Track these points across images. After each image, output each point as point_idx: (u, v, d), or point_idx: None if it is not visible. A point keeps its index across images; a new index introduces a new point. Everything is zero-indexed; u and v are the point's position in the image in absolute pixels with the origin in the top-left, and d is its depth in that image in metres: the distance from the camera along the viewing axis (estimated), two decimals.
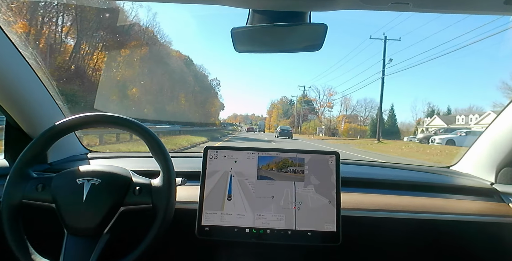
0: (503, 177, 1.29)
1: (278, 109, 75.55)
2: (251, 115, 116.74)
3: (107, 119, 0.95)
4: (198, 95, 50.68)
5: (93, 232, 0.87)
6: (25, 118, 1.19)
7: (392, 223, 1.13)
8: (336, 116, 59.36)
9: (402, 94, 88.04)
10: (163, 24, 60.87)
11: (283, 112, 68.93)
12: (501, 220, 1.16)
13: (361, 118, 58.25)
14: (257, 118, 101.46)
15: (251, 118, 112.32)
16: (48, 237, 0.94)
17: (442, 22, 33.71)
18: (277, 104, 77.78)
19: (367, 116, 57.50)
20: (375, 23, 63.85)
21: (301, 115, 57.46)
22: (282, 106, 73.60)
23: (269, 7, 0.80)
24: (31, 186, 0.89)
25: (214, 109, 63.46)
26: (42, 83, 1.19)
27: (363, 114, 58.56)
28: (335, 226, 0.98)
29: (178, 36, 79.97)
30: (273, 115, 76.47)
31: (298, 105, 61.35)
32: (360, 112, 59.37)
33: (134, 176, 0.95)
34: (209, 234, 0.99)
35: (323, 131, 52.37)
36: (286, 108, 69.99)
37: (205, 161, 1.03)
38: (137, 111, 25.14)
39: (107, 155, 1.49)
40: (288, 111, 66.55)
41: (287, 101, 73.28)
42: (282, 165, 1.04)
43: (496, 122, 1.28)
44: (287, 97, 76.31)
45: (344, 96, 58.17)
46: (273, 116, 76.38)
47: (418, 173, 1.45)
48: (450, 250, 1.20)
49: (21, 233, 0.86)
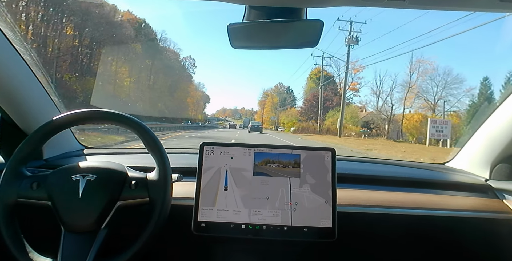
0: (497, 174, 1.30)
1: (273, 98, 61.50)
2: (240, 109, 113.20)
3: (103, 115, 0.95)
4: (161, 76, 40.61)
5: (90, 228, 0.87)
6: (20, 114, 1.19)
7: (388, 219, 1.14)
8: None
9: None
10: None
11: (280, 101, 56.22)
12: (495, 216, 1.17)
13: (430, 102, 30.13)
14: (247, 112, 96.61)
15: (240, 112, 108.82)
16: (45, 235, 0.94)
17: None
18: (271, 92, 63.81)
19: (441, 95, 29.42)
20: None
21: (321, 100, 35.35)
22: (277, 95, 59.70)
23: (265, 3, 0.80)
24: (26, 184, 0.88)
25: (192, 100, 53.66)
26: (37, 78, 1.18)
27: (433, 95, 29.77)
28: (331, 222, 0.99)
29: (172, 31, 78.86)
30: (267, 105, 63.58)
31: (311, 84, 42.85)
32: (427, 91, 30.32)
33: (130, 170, 0.95)
34: (205, 230, 0.99)
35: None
36: (283, 96, 57.05)
37: (201, 157, 1.03)
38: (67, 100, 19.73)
39: (102, 151, 1.49)
40: (286, 100, 54.46)
41: (283, 89, 60.22)
42: (278, 161, 1.04)
43: (490, 118, 1.28)
44: (283, 84, 62.51)
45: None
46: (266, 107, 63.69)
47: (413, 170, 1.46)
48: (445, 245, 1.21)
49: (18, 232, 0.86)
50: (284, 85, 62.08)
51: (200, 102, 64.38)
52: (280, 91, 60.43)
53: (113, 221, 0.89)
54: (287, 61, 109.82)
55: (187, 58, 51.46)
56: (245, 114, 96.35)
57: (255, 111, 78.99)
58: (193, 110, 58.41)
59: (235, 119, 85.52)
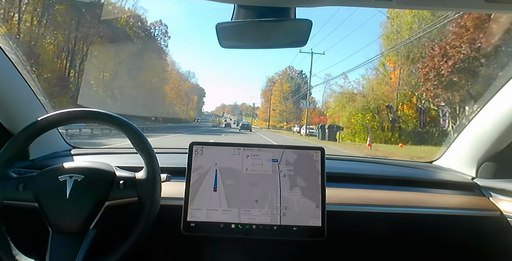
0: (483, 172, 1.33)
1: (282, 84, 47.09)
2: (240, 104, 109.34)
3: (90, 115, 0.94)
4: (115, 50, 27.85)
5: (79, 229, 0.86)
6: (5, 113, 1.17)
7: (376, 218, 1.15)
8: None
9: None
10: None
11: (293, 87, 43.19)
12: (481, 213, 1.19)
13: None
14: (247, 107, 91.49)
15: (240, 108, 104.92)
16: (33, 237, 0.93)
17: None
18: (279, 77, 48.36)
19: None
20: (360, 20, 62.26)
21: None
22: (289, 81, 46.61)
23: (254, 3, 0.80)
24: (11, 186, 0.87)
25: (173, 90, 41.89)
26: (23, 77, 1.17)
27: None
28: (320, 221, 0.99)
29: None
30: (275, 92, 47.20)
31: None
32: None
33: (118, 170, 0.94)
34: (195, 230, 0.99)
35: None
36: (296, 82, 43.83)
37: (190, 157, 1.03)
38: None
39: (90, 151, 1.47)
40: (300, 86, 41.73)
41: (294, 74, 46.72)
42: (267, 161, 1.04)
43: (477, 117, 1.30)
44: (293, 68, 47.45)
45: None
46: (275, 95, 46.95)
47: (401, 168, 1.48)
48: (432, 243, 1.23)
49: (4, 234, 0.84)
50: (294, 69, 48.79)
51: (191, 94, 54.09)
52: (290, 76, 47.83)
53: (101, 221, 0.88)
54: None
55: (156, 24, 36.30)
56: (246, 109, 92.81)
57: (257, 107, 67.59)
58: (181, 105, 48.17)
59: (235, 115, 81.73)
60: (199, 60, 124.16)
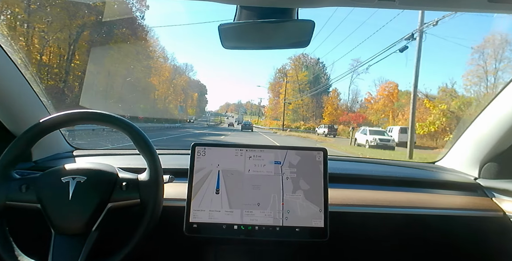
0: (486, 172, 1.32)
1: (297, 73, 38.71)
2: (245, 103, 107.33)
3: (93, 116, 0.94)
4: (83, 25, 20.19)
5: (81, 230, 0.86)
6: (8, 115, 1.17)
7: (379, 218, 1.15)
8: None
9: None
10: None
11: (311, 75, 36.34)
12: (484, 214, 1.18)
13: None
14: (253, 106, 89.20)
15: (245, 106, 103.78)
16: (35, 238, 0.93)
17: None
18: (294, 63, 39.83)
19: None
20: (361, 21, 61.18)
21: None
22: (306, 68, 38.27)
23: (256, 4, 0.80)
24: (14, 187, 0.87)
25: (164, 83, 35.85)
26: (26, 79, 1.17)
27: None
28: (323, 222, 0.99)
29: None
30: (288, 85, 38.16)
31: None
32: None
33: (120, 172, 0.94)
34: (197, 231, 0.98)
35: None
36: (313, 71, 36.69)
37: (193, 158, 1.03)
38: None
39: (93, 152, 1.47)
40: (319, 77, 35.88)
41: (310, 62, 39.21)
42: (270, 162, 1.04)
43: (480, 117, 1.30)
44: (308, 55, 39.73)
45: None
46: (287, 88, 37.93)
47: (404, 169, 1.47)
48: (435, 243, 1.22)
49: (6, 235, 0.84)
50: (309, 56, 40.99)
51: (189, 90, 47.95)
52: (306, 65, 39.84)
53: (104, 223, 0.88)
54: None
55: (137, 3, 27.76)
56: (251, 108, 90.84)
57: (263, 105, 61.11)
58: (177, 102, 42.34)
59: (239, 114, 79.87)
60: (201, 59, 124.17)
